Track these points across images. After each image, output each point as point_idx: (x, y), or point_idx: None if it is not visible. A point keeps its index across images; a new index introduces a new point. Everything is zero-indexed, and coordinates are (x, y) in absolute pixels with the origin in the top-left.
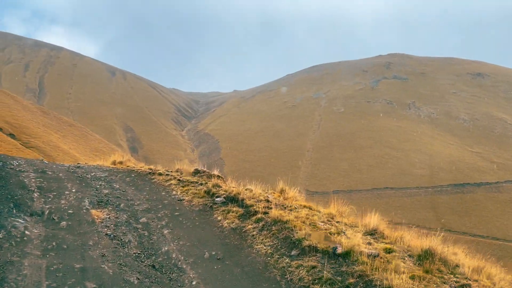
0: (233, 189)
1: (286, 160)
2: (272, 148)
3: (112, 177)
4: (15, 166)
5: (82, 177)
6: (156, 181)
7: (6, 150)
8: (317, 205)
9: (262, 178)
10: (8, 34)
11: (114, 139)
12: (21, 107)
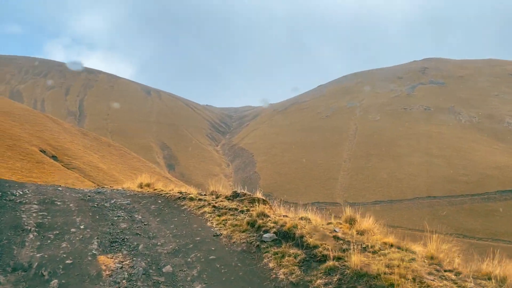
0: (286, 220)
1: (322, 172)
2: (308, 160)
3: (135, 205)
4: (17, 197)
5: (99, 206)
6: (187, 208)
7: (49, 172)
8: (405, 241)
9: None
10: (50, 61)
11: (151, 157)
12: (63, 129)
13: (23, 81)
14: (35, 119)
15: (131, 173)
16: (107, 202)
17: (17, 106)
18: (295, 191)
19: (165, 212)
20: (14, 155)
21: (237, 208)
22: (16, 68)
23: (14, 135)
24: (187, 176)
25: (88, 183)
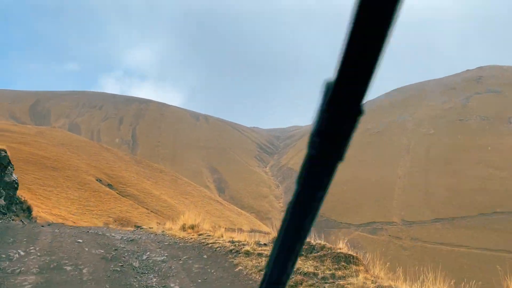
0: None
1: (375, 190)
2: (359, 178)
3: (172, 264)
4: (13, 262)
5: (124, 268)
6: (242, 270)
7: (104, 200)
8: None
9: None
10: (104, 93)
11: (201, 181)
12: (117, 158)
13: (81, 114)
14: (91, 150)
15: (183, 197)
16: (137, 259)
17: (75, 138)
18: (348, 211)
19: (212, 277)
20: (72, 185)
21: (316, 273)
22: (74, 102)
23: (73, 166)
24: (237, 199)
25: (141, 209)
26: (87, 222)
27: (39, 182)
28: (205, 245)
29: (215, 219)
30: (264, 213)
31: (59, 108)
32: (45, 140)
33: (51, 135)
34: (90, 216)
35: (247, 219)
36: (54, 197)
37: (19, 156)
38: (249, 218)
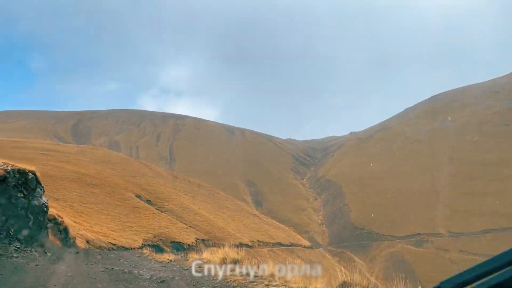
0: None
1: (418, 200)
2: (401, 189)
3: None
4: None
5: None
6: None
7: (144, 216)
8: None
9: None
10: (142, 111)
11: (238, 195)
12: (155, 174)
13: (120, 132)
14: (130, 166)
15: (221, 212)
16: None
17: (115, 155)
18: (391, 223)
19: None
20: (112, 202)
21: None
22: (113, 120)
23: (113, 182)
24: (275, 212)
25: (180, 224)
26: (127, 239)
27: (81, 199)
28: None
29: (253, 233)
30: (303, 226)
31: (99, 126)
32: (87, 158)
33: (92, 153)
34: (130, 232)
35: (285, 233)
36: (95, 214)
37: (62, 175)
38: (287, 231)
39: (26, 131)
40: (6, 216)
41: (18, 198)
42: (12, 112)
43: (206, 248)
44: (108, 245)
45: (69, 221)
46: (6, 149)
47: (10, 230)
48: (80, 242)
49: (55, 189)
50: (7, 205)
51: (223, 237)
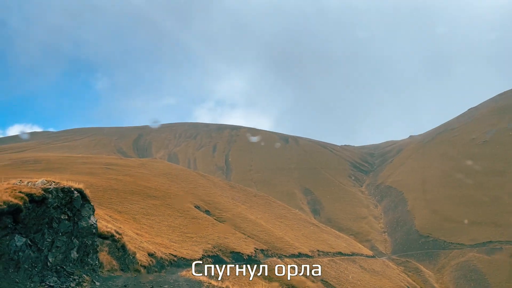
0: None
1: (489, 205)
2: (468, 193)
3: None
4: None
5: None
6: None
7: (203, 226)
8: None
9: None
10: (198, 123)
11: (295, 203)
12: (213, 184)
13: (178, 144)
14: (189, 177)
15: (278, 221)
16: None
17: (174, 167)
18: (458, 230)
19: None
20: (173, 213)
21: None
22: (172, 133)
23: (172, 194)
24: (334, 221)
25: (238, 234)
26: (187, 250)
27: (143, 211)
28: None
29: (312, 242)
30: (364, 235)
31: (159, 140)
32: (147, 171)
33: (152, 166)
34: (190, 243)
35: (346, 242)
36: (157, 226)
37: (125, 188)
38: (348, 240)
39: (92, 147)
40: (44, 245)
41: (61, 220)
42: (79, 130)
43: (266, 258)
44: (169, 257)
45: (131, 234)
46: (75, 164)
47: (47, 262)
48: (141, 255)
49: (119, 202)
50: (46, 230)
51: (282, 247)
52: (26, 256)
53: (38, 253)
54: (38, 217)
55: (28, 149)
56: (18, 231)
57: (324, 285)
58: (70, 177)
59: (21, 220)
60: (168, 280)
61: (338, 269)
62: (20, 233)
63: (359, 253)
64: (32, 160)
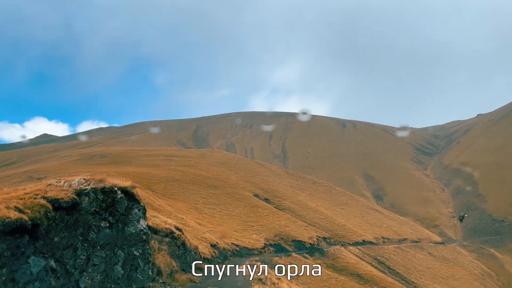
0: None
1: None
2: None
3: None
4: None
5: None
6: None
7: (263, 215)
8: None
9: None
10: (254, 112)
11: (356, 189)
12: (271, 172)
13: (235, 134)
14: (247, 166)
15: (339, 208)
16: None
17: (232, 157)
18: None
19: None
20: (233, 202)
21: None
22: (228, 123)
23: (232, 183)
24: (398, 207)
25: (299, 222)
26: (249, 239)
27: (204, 201)
28: None
29: (376, 229)
30: (431, 220)
31: (216, 130)
32: (206, 161)
33: (211, 156)
34: (251, 232)
35: (412, 228)
36: (218, 215)
37: (186, 178)
38: (413, 226)
39: (153, 139)
40: (77, 264)
41: (100, 229)
42: (141, 124)
43: (328, 246)
44: (232, 247)
45: (193, 224)
46: (139, 157)
47: (78, 281)
48: (204, 247)
49: (181, 192)
50: (80, 244)
51: (345, 234)
52: (47, 286)
53: (67, 278)
54: (69, 228)
55: (96, 144)
56: (39, 250)
57: (391, 273)
58: (134, 170)
59: (42, 235)
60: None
61: (405, 256)
62: (41, 252)
63: (427, 240)
64: (99, 155)
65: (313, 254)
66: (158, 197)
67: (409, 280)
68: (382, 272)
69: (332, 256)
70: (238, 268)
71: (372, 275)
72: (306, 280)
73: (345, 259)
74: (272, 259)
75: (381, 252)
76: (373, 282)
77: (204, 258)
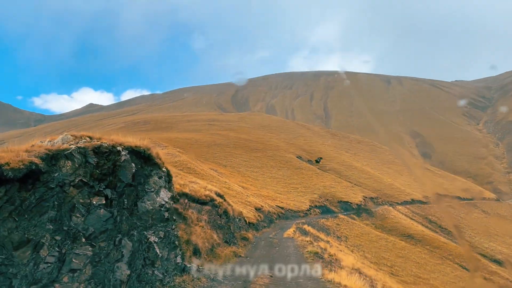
0: None
1: None
2: None
3: None
4: None
5: None
6: None
7: (307, 176)
8: None
9: None
10: (293, 73)
11: (403, 148)
12: (313, 133)
13: (275, 96)
14: (288, 128)
15: (386, 167)
16: None
17: (273, 119)
18: None
19: None
20: (275, 164)
21: None
22: (267, 85)
23: (273, 146)
24: (448, 164)
25: (345, 183)
26: (294, 201)
27: (246, 164)
28: None
29: (426, 188)
30: (484, 177)
31: (255, 93)
32: (247, 124)
33: (251, 119)
34: (295, 194)
35: (463, 185)
36: (261, 178)
37: (228, 142)
38: (465, 184)
39: (193, 104)
40: (39, 268)
41: (91, 209)
42: (181, 90)
43: (376, 206)
44: (277, 210)
45: (236, 188)
46: (181, 122)
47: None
48: (248, 211)
49: (223, 156)
50: (50, 235)
51: (393, 194)
52: None
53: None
54: (27, 212)
55: (139, 111)
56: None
57: (443, 232)
58: (176, 136)
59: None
60: None
61: (458, 215)
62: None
63: (480, 197)
64: (142, 121)
65: (361, 215)
66: (201, 161)
67: (463, 239)
68: (433, 231)
69: (381, 216)
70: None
71: (424, 235)
72: (356, 242)
73: (394, 219)
74: (319, 221)
75: (431, 211)
76: (425, 242)
77: (249, 224)
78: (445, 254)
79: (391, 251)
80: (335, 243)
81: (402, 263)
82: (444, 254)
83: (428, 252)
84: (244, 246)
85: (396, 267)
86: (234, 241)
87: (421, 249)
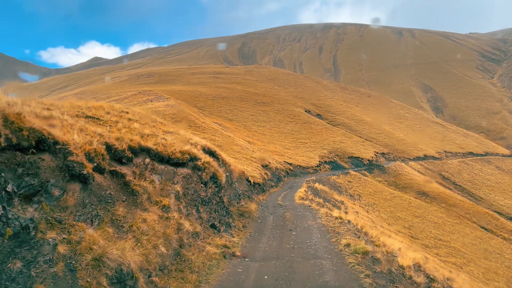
0: None
1: None
2: None
3: None
4: None
5: None
6: None
7: (316, 131)
8: None
9: None
10: (301, 25)
11: (413, 101)
12: (322, 87)
13: (283, 49)
14: (296, 82)
15: (397, 122)
16: None
17: (280, 72)
18: None
19: None
20: (283, 118)
21: None
22: (275, 38)
23: (281, 99)
24: (460, 119)
25: (355, 138)
26: (302, 157)
27: (253, 118)
28: None
29: (438, 143)
30: (497, 132)
31: (262, 46)
32: (254, 78)
33: (258, 72)
34: (304, 149)
35: (476, 141)
36: (268, 132)
37: (234, 95)
38: (478, 139)
39: (199, 58)
40: None
41: None
42: (188, 42)
43: (388, 162)
44: (285, 166)
45: (241, 143)
46: (185, 75)
47: None
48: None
49: (229, 110)
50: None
51: (405, 149)
52: None
53: None
54: None
55: (144, 65)
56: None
57: (457, 189)
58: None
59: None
60: None
61: (471, 171)
62: None
63: (494, 153)
64: (146, 74)
65: (372, 171)
66: (205, 115)
67: (477, 196)
68: (447, 188)
69: (394, 172)
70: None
71: (439, 192)
72: (370, 201)
73: (408, 176)
74: (330, 178)
75: (445, 167)
76: (440, 200)
77: (254, 184)
78: (462, 212)
79: (407, 210)
80: (349, 202)
81: (420, 224)
82: (461, 213)
83: (444, 210)
84: (243, 228)
85: (414, 228)
86: (228, 222)
87: (437, 208)
